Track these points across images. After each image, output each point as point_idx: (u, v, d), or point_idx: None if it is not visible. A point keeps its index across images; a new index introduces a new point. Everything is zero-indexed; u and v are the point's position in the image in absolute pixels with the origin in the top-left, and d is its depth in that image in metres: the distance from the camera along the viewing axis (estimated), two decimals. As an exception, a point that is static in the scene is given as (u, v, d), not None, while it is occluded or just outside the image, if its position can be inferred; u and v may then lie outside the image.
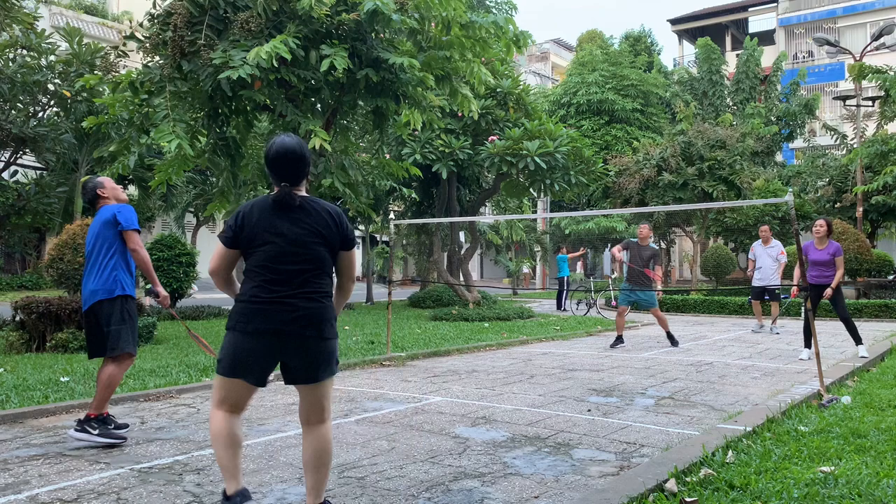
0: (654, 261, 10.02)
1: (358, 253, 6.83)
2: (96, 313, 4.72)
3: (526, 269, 33.65)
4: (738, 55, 33.44)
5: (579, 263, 31.90)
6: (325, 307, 3.10)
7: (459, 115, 14.77)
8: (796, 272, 8.56)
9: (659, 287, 10.36)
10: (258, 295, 3.05)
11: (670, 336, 10.35)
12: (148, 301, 14.39)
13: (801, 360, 8.67)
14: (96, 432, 4.60)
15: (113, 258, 4.75)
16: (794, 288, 8.27)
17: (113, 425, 4.76)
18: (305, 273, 3.09)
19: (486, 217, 26.73)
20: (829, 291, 8.31)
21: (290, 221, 3.09)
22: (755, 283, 12.01)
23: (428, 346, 9.77)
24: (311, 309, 3.06)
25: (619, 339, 10.30)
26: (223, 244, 3.14)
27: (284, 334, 3.04)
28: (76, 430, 4.64)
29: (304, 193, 3.18)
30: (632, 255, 10.12)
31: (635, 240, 10.21)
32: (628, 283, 10.24)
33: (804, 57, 37.87)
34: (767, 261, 11.81)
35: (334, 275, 3.27)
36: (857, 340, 8.53)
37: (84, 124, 9.98)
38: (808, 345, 8.62)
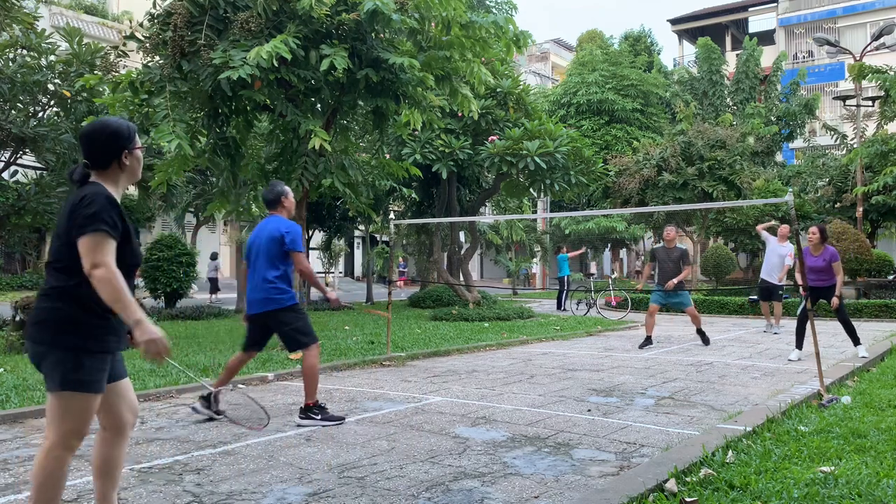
0: (683, 261, 10.07)
1: (358, 253, 6.84)
2: (267, 319, 5.34)
3: (535, 269, 33.48)
4: (738, 55, 33.44)
5: (593, 264, 31.94)
6: (49, 308, 2.68)
7: (459, 115, 14.76)
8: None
9: (685, 285, 10.38)
10: None
11: (701, 332, 10.30)
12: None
13: (789, 360, 8.61)
14: (319, 417, 5.24)
15: (280, 271, 5.31)
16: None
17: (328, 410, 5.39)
18: (49, 267, 2.77)
19: (486, 217, 26.72)
20: (835, 301, 8.28)
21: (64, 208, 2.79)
22: (762, 280, 12.06)
23: (428, 346, 9.76)
24: (38, 309, 2.72)
25: (648, 340, 10.26)
26: None
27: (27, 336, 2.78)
28: (301, 417, 5.24)
29: (101, 180, 2.78)
30: (661, 259, 10.16)
31: (662, 244, 10.24)
32: (660, 285, 10.23)
33: (804, 57, 37.87)
34: (774, 258, 11.83)
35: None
36: (856, 341, 8.53)
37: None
38: (799, 346, 8.62)
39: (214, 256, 24.43)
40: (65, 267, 2.69)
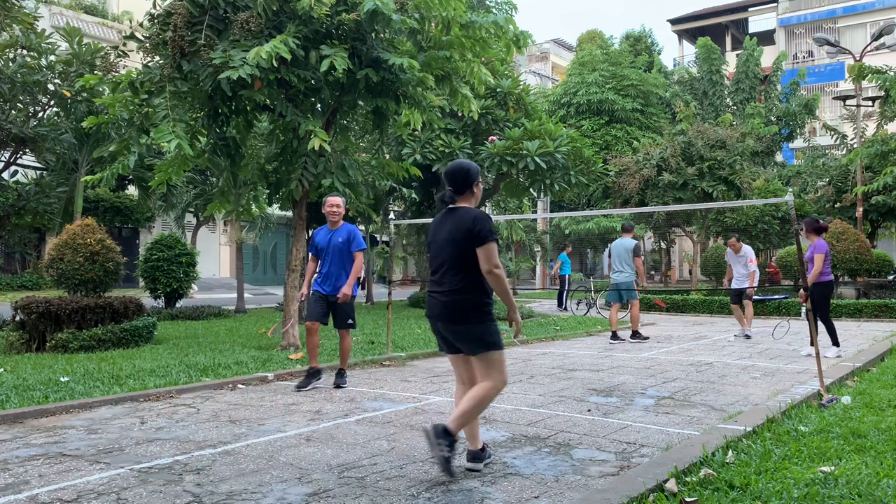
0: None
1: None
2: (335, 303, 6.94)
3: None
4: (738, 55, 33.44)
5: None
6: (468, 298, 3.86)
7: (459, 115, 14.76)
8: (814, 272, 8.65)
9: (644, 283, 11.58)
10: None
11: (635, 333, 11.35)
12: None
13: (826, 356, 8.37)
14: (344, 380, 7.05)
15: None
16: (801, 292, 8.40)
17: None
18: (450, 270, 3.91)
19: (486, 217, 26.65)
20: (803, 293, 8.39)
21: (443, 225, 3.98)
22: (733, 286, 12.03)
23: (428, 346, 9.75)
24: (456, 300, 3.87)
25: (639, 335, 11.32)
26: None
27: (434, 318, 4.01)
28: (339, 384, 6.91)
29: (464, 204, 3.99)
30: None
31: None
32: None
33: (804, 57, 37.87)
34: (739, 269, 11.82)
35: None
36: (812, 341, 8.51)
37: (84, 124, 9.98)
38: (835, 342, 8.89)
39: None
40: (468, 268, 3.84)
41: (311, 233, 7.42)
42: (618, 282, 11.03)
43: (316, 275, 7.09)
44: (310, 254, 7.18)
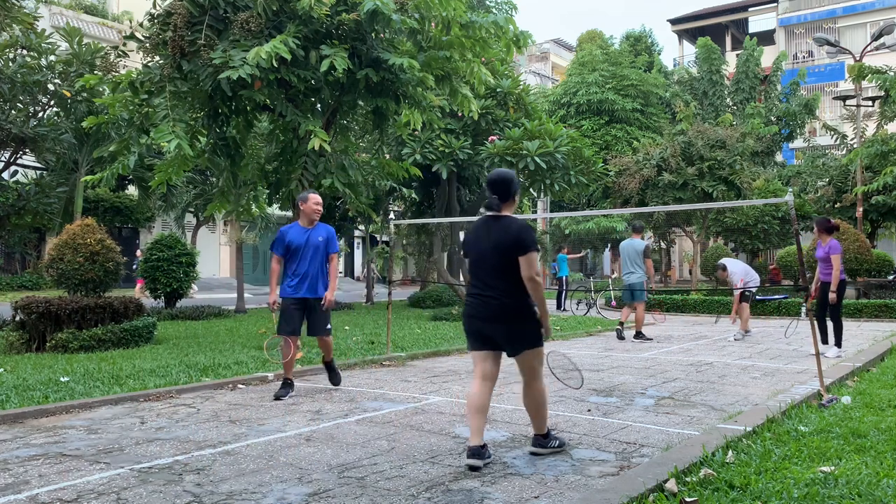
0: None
1: (358, 253, 6.94)
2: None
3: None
4: (738, 55, 33.45)
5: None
6: (514, 301, 4.15)
7: (459, 115, 14.76)
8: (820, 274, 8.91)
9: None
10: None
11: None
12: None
13: (826, 356, 8.50)
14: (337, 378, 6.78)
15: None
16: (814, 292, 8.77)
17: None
18: (491, 276, 4.21)
19: (486, 217, 26.64)
20: (832, 297, 8.66)
21: (486, 232, 4.25)
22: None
23: (428, 346, 9.76)
24: (503, 303, 4.16)
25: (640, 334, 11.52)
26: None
27: (479, 319, 4.26)
28: (334, 381, 6.75)
29: (506, 212, 4.28)
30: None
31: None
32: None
33: (804, 57, 37.87)
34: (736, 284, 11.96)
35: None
36: (825, 341, 8.70)
37: (84, 124, 9.99)
38: (837, 343, 9.00)
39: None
40: (512, 274, 4.13)
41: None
42: (631, 283, 10.97)
43: (288, 278, 6.26)
44: (274, 254, 6.34)
